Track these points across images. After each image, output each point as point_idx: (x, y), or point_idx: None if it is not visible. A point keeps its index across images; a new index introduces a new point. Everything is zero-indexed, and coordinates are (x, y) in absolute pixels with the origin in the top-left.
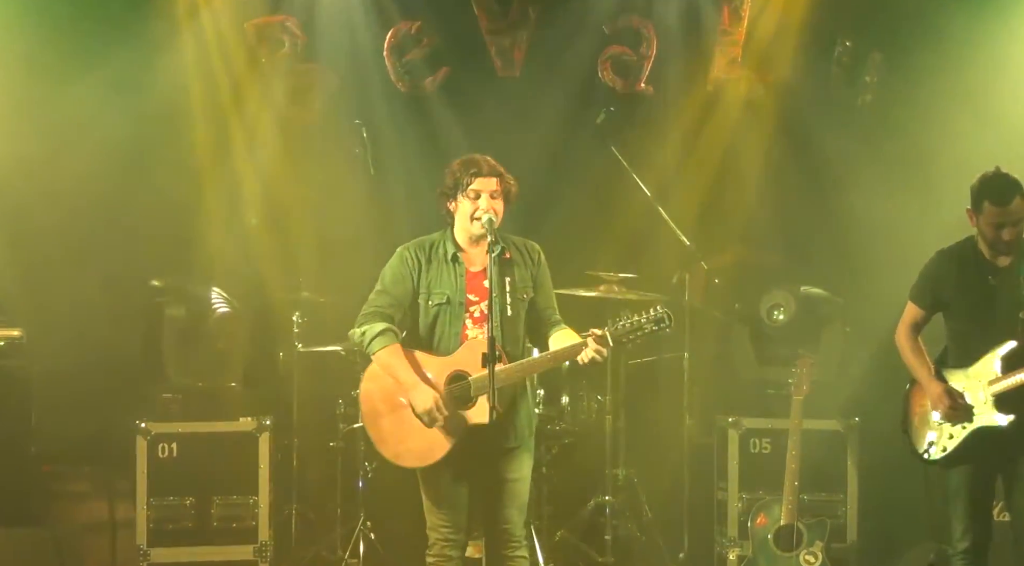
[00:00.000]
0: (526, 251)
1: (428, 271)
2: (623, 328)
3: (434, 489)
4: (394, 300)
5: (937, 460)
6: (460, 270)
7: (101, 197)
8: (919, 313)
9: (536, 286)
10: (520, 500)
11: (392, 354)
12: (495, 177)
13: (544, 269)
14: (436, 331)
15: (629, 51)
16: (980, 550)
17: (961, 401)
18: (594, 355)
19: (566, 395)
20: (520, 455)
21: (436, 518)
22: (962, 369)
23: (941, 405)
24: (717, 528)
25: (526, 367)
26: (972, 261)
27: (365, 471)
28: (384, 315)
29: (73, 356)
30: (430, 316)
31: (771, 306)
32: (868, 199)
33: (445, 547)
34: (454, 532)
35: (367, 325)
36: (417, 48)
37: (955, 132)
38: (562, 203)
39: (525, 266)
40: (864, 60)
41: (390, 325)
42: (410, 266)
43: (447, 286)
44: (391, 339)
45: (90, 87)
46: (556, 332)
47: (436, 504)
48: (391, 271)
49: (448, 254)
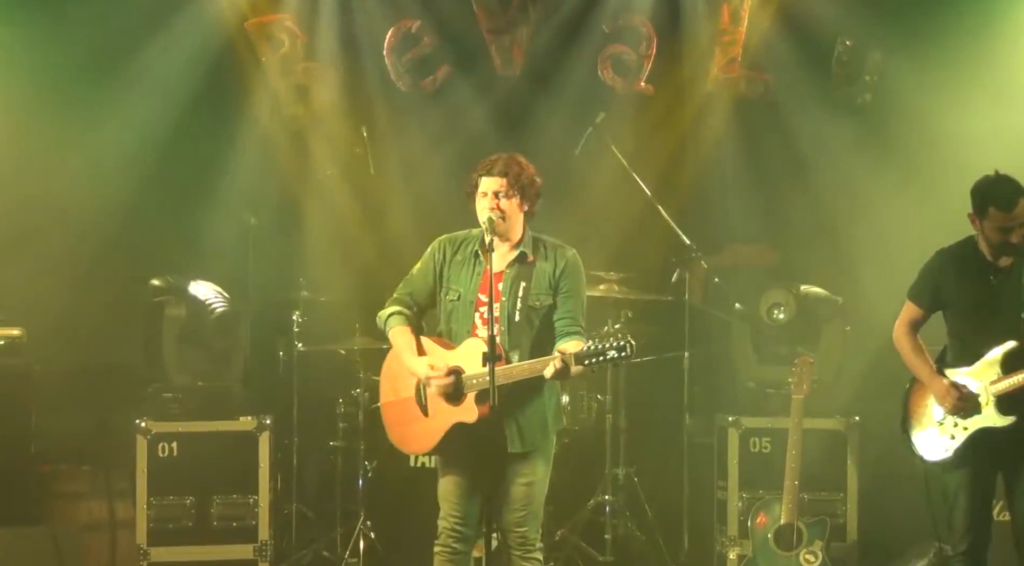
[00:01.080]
0: (553, 256)
1: (451, 266)
2: (586, 352)
3: (448, 479)
4: (415, 289)
5: (937, 461)
6: (479, 269)
7: (101, 197)
8: (917, 313)
9: (556, 293)
10: (533, 505)
11: (400, 334)
12: (503, 177)
13: (570, 278)
14: (451, 326)
15: (629, 50)
16: (980, 551)
17: (967, 392)
18: (554, 372)
19: (566, 395)
20: (531, 459)
21: (446, 508)
22: (962, 369)
23: (949, 399)
24: (717, 527)
25: (507, 373)
26: (972, 261)
27: (365, 471)
28: (401, 301)
29: (73, 356)
30: (446, 311)
31: (771, 306)
32: (868, 198)
33: (451, 539)
34: (462, 525)
35: (388, 307)
36: (417, 48)
37: (955, 131)
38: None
39: (546, 272)
40: (864, 60)
41: (402, 308)
42: (436, 259)
43: (462, 283)
44: (401, 321)
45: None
46: (564, 342)
47: (448, 494)
48: (421, 261)
49: (472, 251)
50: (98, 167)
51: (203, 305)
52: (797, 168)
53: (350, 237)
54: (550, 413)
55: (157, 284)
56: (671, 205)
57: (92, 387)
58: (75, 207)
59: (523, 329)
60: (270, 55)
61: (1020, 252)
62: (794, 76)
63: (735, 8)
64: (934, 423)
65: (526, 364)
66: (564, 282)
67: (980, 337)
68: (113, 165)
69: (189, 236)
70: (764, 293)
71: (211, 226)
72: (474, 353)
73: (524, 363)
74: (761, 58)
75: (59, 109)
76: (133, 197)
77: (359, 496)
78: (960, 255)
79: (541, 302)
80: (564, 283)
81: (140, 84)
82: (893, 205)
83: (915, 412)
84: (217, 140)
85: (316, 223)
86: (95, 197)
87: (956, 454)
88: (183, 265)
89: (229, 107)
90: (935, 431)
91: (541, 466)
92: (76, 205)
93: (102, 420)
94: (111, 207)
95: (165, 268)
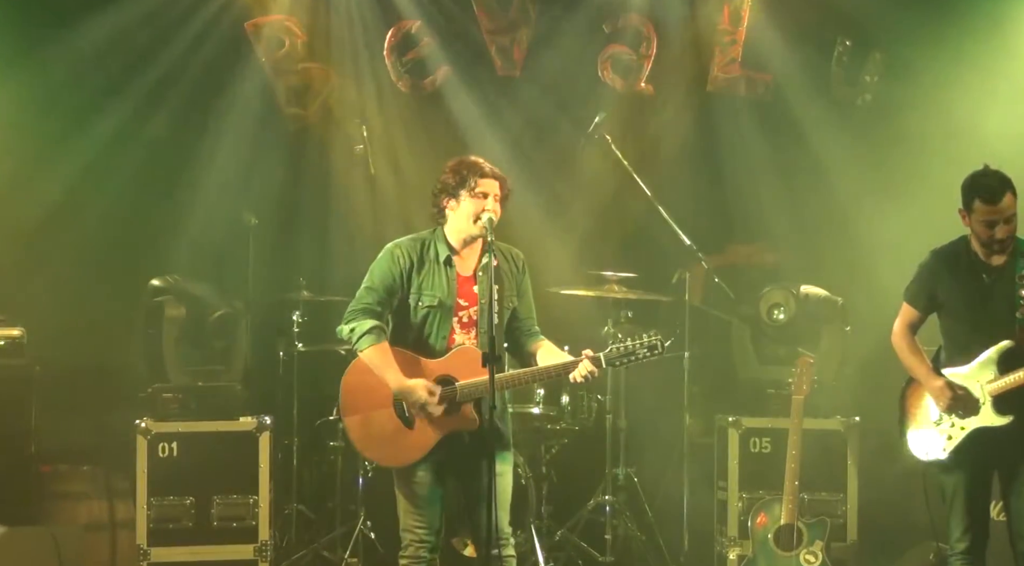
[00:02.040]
0: (512, 259)
1: (420, 271)
2: (616, 352)
3: (411, 490)
4: (382, 298)
5: (935, 461)
6: (452, 274)
7: (101, 197)
8: (914, 313)
9: (519, 294)
10: (504, 496)
11: (380, 353)
12: (500, 180)
13: (527, 278)
14: (424, 332)
15: (629, 50)
16: (978, 550)
17: (963, 392)
18: (587, 374)
19: (566, 395)
20: (501, 452)
21: (411, 519)
22: (958, 369)
23: (944, 398)
24: (717, 527)
25: (519, 378)
26: (966, 260)
27: (365, 470)
28: (372, 312)
29: (73, 356)
30: (419, 317)
31: (771, 306)
32: (868, 198)
33: (420, 549)
34: (429, 534)
35: (355, 322)
36: (417, 48)
37: (955, 131)
38: (562, 203)
39: (511, 275)
40: (864, 60)
41: (378, 322)
42: (401, 265)
43: (439, 289)
44: (379, 337)
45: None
46: (538, 343)
47: (413, 505)
48: (380, 268)
49: (440, 256)
50: (98, 167)
51: (203, 305)
52: (797, 168)
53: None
54: (507, 407)
55: (157, 284)
56: (671, 205)
57: (92, 387)
58: (75, 207)
59: (500, 330)
60: (270, 55)
61: (1005, 249)
62: (794, 76)
63: (735, 8)
64: (931, 423)
65: (545, 368)
66: (524, 282)
67: (974, 336)
68: (113, 165)
69: (189, 236)
70: (764, 293)
71: (211, 226)
72: (468, 360)
73: (541, 368)
74: (761, 58)
75: (59, 109)
76: (133, 197)
77: (359, 496)
78: (953, 254)
79: (512, 303)
80: (524, 283)
81: (140, 84)
82: (893, 205)
83: (912, 412)
84: (217, 140)
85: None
86: (95, 197)
87: (953, 454)
88: (183, 265)
89: (229, 107)
90: (932, 431)
91: (508, 457)
92: (76, 205)
93: (102, 420)
94: (111, 207)
95: (165, 268)
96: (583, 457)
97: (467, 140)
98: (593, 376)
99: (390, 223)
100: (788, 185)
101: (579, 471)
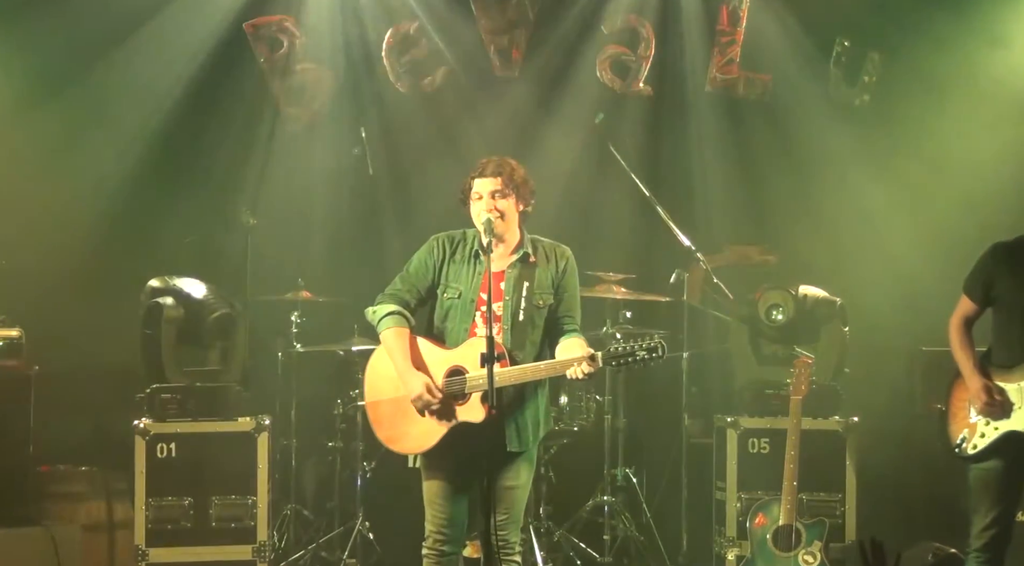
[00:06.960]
0: (553, 256)
1: (451, 264)
2: (615, 352)
3: (434, 481)
4: (412, 286)
5: (967, 456)
6: (479, 268)
7: (100, 197)
8: (970, 305)
9: (557, 292)
10: (516, 508)
11: (396, 337)
12: (498, 176)
13: (569, 276)
14: (448, 324)
15: (627, 51)
16: (997, 550)
17: (999, 398)
18: (581, 374)
19: (566, 395)
20: (519, 463)
21: (433, 510)
22: (1005, 369)
23: (979, 400)
24: (716, 528)
25: (520, 374)
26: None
27: (363, 470)
28: (399, 299)
29: (72, 357)
30: (444, 309)
31: (770, 306)
32: (867, 199)
33: (439, 541)
34: (449, 527)
35: (381, 304)
36: (416, 48)
37: (954, 131)
38: (561, 203)
39: (548, 272)
40: (863, 60)
41: (402, 309)
42: (435, 256)
43: (463, 282)
44: (398, 322)
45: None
46: (563, 341)
47: (434, 496)
48: (417, 258)
49: (472, 251)
50: (97, 168)
51: (201, 305)
52: (796, 168)
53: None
54: (542, 413)
55: (155, 285)
56: (669, 205)
57: (91, 388)
58: (74, 208)
59: (525, 328)
60: (268, 56)
61: None
62: (793, 77)
63: (734, 9)
64: (969, 420)
65: (544, 364)
66: (566, 281)
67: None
68: (112, 165)
69: (188, 236)
70: (763, 294)
71: (209, 226)
72: (476, 352)
73: (543, 363)
74: (760, 58)
75: (58, 109)
76: (132, 197)
77: (357, 496)
78: (1016, 249)
79: (544, 301)
80: (565, 282)
81: (140, 84)
82: (893, 205)
83: (954, 406)
84: (216, 140)
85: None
86: (94, 198)
87: (985, 453)
88: (182, 265)
89: (228, 107)
90: (968, 428)
91: (525, 471)
92: (75, 206)
93: (101, 421)
94: (110, 208)
95: (164, 268)
96: (582, 457)
97: (465, 141)
98: (588, 376)
99: (388, 224)
100: (787, 185)
101: (578, 471)
